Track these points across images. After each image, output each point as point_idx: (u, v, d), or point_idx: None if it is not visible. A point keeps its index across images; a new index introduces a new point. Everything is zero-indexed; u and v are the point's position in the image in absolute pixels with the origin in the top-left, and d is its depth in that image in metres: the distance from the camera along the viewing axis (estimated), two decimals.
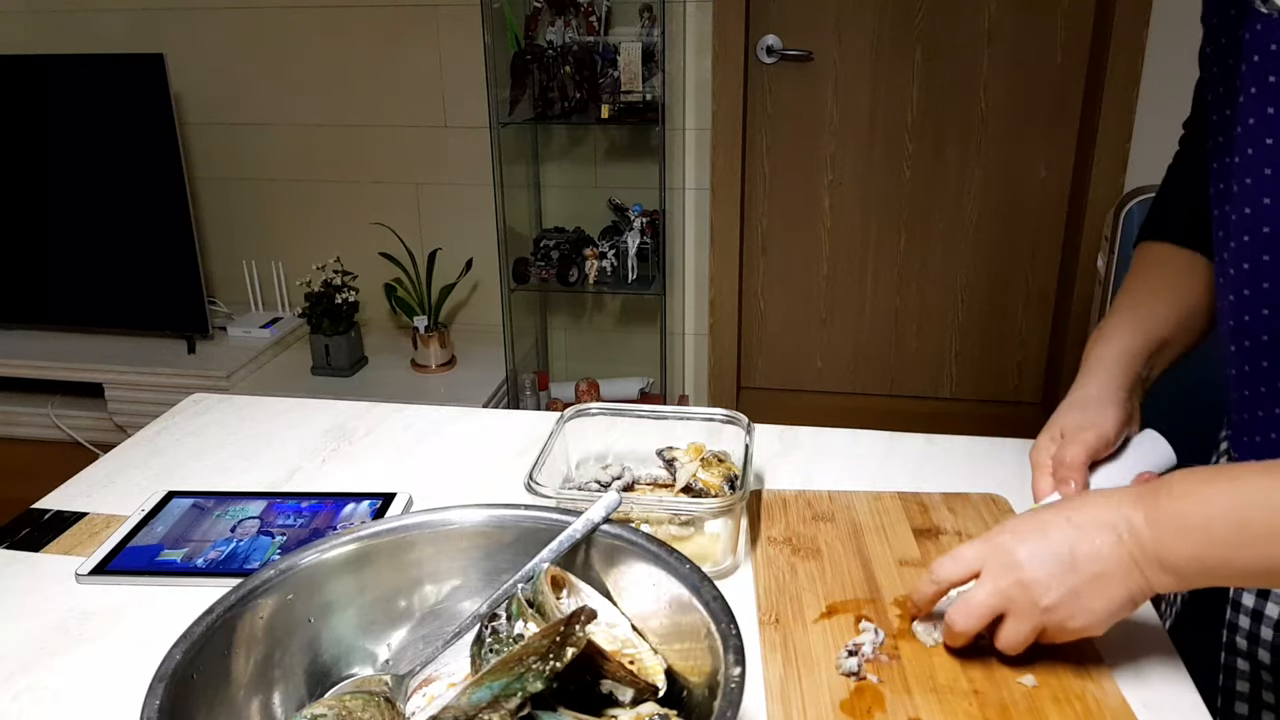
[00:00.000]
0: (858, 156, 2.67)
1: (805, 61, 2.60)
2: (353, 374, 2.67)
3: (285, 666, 0.63)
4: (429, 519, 0.70)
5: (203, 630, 0.58)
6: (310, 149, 2.78)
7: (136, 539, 0.88)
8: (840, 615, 0.76)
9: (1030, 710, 0.66)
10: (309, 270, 2.65)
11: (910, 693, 0.68)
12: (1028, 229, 2.68)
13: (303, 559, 0.65)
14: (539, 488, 0.80)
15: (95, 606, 0.80)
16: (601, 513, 0.68)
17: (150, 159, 2.54)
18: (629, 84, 2.41)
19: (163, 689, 0.54)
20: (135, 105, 2.51)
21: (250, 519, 0.90)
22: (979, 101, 2.57)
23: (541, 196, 2.74)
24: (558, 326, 2.90)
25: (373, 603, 0.68)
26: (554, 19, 2.45)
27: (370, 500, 0.93)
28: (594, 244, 2.58)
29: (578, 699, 0.58)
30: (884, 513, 0.90)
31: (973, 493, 0.93)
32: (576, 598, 0.66)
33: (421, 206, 2.79)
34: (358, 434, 1.09)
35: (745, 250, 2.77)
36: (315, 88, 2.72)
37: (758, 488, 0.94)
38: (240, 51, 2.72)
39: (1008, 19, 2.49)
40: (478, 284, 2.83)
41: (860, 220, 2.73)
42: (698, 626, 0.59)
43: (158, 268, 2.64)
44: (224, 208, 2.89)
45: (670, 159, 2.59)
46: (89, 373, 2.62)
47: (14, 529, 0.91)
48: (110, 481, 1.00)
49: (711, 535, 0.81)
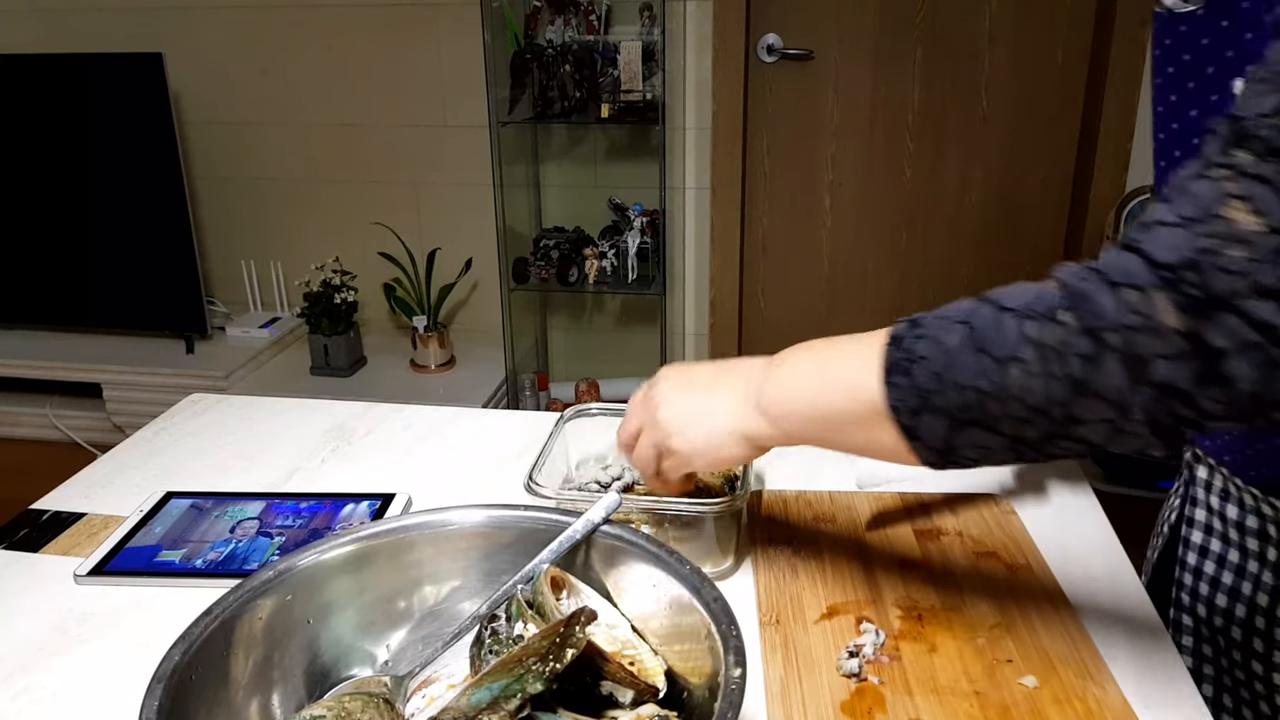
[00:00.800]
0: (858, 156, 2.67)
1: (806, 61, 2.60)
2: (352, 374, 2.67)
3: (284, 667, 0.63)
4: (428, 519, 0.70)
5: (201, 631, 0.58)
6: (309, 148, 2.78)
7: (135, 539, 0.87)
8: (841, 616, 0.76)
9: (1031, 711, 0.65)
10: (308, 270, 2.65)
11: (911, 694, 0.67)
12: (1029, 228, 2.67)
13: (302, 560, 0.65)
14: (539, 488, 0.80)
15: (94, 607, 0.79)
16: (601, 513, 0.68)
17: (149, 158, 2.54)
18: (629, 83, 2.41)
19: (161, 690, 0.54)
20: (134, 105, 2.51)
21: (249, 519, 0.90)
22: (980, 101, 2.57)
23: (541, 196, 2.74)
24: (557, 326, 2.89)
25: (372, 603, 0.68)
26: (554, 18, 2.44)
27: (369, 501, 0.93)
28: (594, 244, 2.58)
29: (578, 700, 0.58)
30: (884, 512, 0.90)
31: (974, 493, 0.92)
32: (576, 599, 0.66)
33: (421, 206, 2.79)
34: (357, 434, 1.09)
35: (745, 250, 2.77)
36: (315, 87, 2.72)
37: (758, 488, 0.94)
38: (239, 51, 2.71)
39: (1009, 18, 2.49)
40: (477, 284, 2.82)
41: (861, 220, 2.73)
42: (698, 627, 0.59)
43: (156, 267, 2.64)
44: (223, 207, 2.88)
45: (670, 158, 2.58)
46: (87, 373, 2.62)
47: (12, 529, 0.91)
48: (109, 482, 1.00)
49: (712, 535, 0.81)
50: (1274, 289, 0.46)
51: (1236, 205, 0.47)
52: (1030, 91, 2.54)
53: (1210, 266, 0.47)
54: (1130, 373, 0.50)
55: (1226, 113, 0.50)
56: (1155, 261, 0.49)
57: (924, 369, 0.57)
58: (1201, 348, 0.48)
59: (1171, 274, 0.48)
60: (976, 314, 0.57)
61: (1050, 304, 0.53)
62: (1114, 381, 0.50)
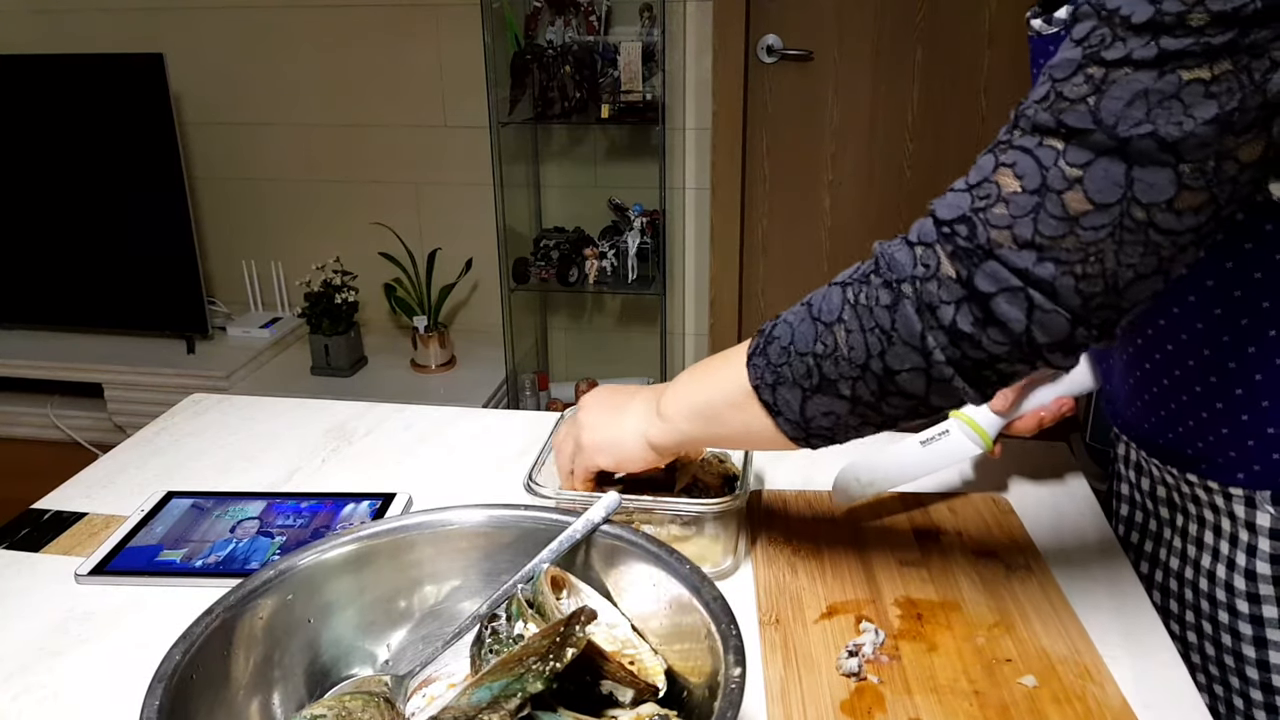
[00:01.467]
0: (858, 156, 2.67)
1: (805, 61, 2.60)
2: (352, 374, 2.67)
3: (285, 667, 0.63)
4: (429, 519, 0.70)
5: (202, 631, 0.58)
6: (310, 149, 2.78)
7: (136, 539, 0.87)
8: (840, 615, 0.76)
9: (1031, 711, 0.66)
10: (308, 270, 2.65)
11: (910, 693, 0.68)
12: None
13: (302, 559, 0.65)
14: (539, 488, 0.80)
15: (95, 607, 0.80)
16: (601, 513, 0.68)
17: (150, 159, 2.54)
18: (629, 84, 2.41)
19: (162, 689, 0.54)
20: (135, 105, 2.51)
21: (250, 519, 0.90)
22: (980, 101, 2.57)
23: (541, 196, 2.74)
24: (558, 326, 2.90)
25: (372, 603, 0.68)
26: (554, 18, 2.44)
27: (370, 500, 0.93)
28: (594, 244, 2.58)
29: (578, 699, 0.58)
30: (884, 513, 0.90)
31: (973, 493, 0.93)
32: (576, 598, 0.66)
33: (421, 206, 2.79)
34: (357, 434, 1.09)
35: (745, 250, 2.77)
36: (315, 87, 2.72)
37: (758, 488, 0.94)
38: (240, 51, 2.72)
39: (1008, 19, 2.49)
40: (477, 284, 2.82)
41: (861, 220, 2.73)
42: (698, 627, 0.59)
43: (157, 268, 2.64)
44: (223, 207, 2.88)
45: (670, 159, 2.58)
46: (88, 373, 2.62)
47: (13, 529, 0.91)
48: (110, 482, 1.00)
49: (712, 535, 0.81)
50: (1029, 240, 0.54)
51: (1004, 171, 0.55)
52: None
53: (978, 221, 0.55)
54: (923, 318, 0.57)
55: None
56: (939, 219, 0.58)
57: (776, 346, 0.65)
58: (974, 293, 0.55)
59: (949, 229, 0.57)
60: (817, 293, 0.65)
61: (865, 270, 0.62)
62: (913, 328, 0.58)
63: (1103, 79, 0.52)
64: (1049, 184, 0.53)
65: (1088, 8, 0.53)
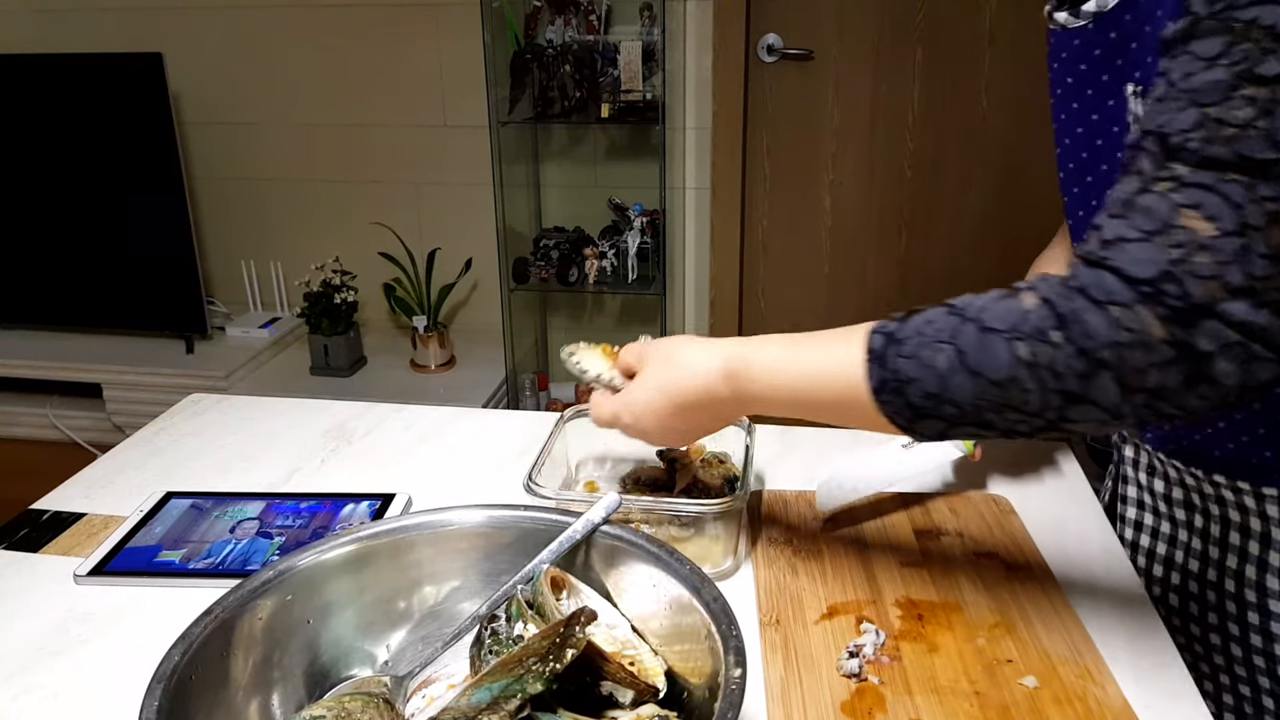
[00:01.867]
0: (858, 156, 2.67)
1: (806, 61, 2.59)
2: (352, 374, 2.67)
3: (284, 668, 0.63)
4: (428, 520, 0.70)
5: (201, 631, 0.58)
6: (309, 148, 2.78)
7: (135, 540, 0.87)
8: (841, 616, 0.76)
9: (1032, 711, 0.65)
10: (308, 270, 2.65)
11: (911, 694, 0.67)
12: (1030, 228, 2.66)
13: (302, 560, 0.65)
14: (538, 488, 0.80)
15: (94, 607, 0.79)
16: (601, 513, 0.68)
17: (149, 158, 2.53)
18: (629, 83, 2.41)
19: (161, 690, 0.53)
20: (134, 105, 2.51)
21: (249, 520, 0.90)
22: (980, 101, 2.57)
23: (541, 196, 2.73)
24: (558, 326, 2.89)
25: (372, 604, 0.68)
26: (554, 18, 2.44)
27: (369, 501, 0.93)
28: (594, 244, 2.58)
29: (578, 700, 0.58)
30: (884, 513, 0.90)
31: (973, 493, 0.92)
32: (576, 599, 0.66)
33: (421, 206, 2.79)
34: (357, 434, 1.09)
35: (745, 250, 2.77)
36: (314, 87, 2.71)
37: (758, 488, 0.94)
38: (239, 51, 2.71)
39: (1008, 18, 2.48)
40: (477, 284, 2.82)
41: (861, 220, 2.73)
42: (698, 628, 0.59)
43: (156, 268, 2.64)
44: (223, 207, 2.88)
45: (670, 158, 2.58)
46: (87, 373, 2.62)
47: (12, 529, 0.91)
48: (109, 482, 1.00)
49: (712, 536, 0.81)
50: (1243, 287, 0.49)
51: (1190, 214, 0.50)
52: (1030, 91, 2.54)
53: (1185, 275, 0.50)
54: (1124, 384, 0.53)
55: (1149, 130, 0.53)
56: (1131, 278, 0.52)
57: (917, 389, 0.60)
58: (1190, 353, 0.51)
59: (1151, 288, 0.51)
60: (960, 335, 0.59)
61: (1038, 324, 0.55)
62: (1109, 394, 0.54)
63: (1270, 99, 0.48)
64: (1249, 222, 0.49)
65: (1212, 23, 0.50)
